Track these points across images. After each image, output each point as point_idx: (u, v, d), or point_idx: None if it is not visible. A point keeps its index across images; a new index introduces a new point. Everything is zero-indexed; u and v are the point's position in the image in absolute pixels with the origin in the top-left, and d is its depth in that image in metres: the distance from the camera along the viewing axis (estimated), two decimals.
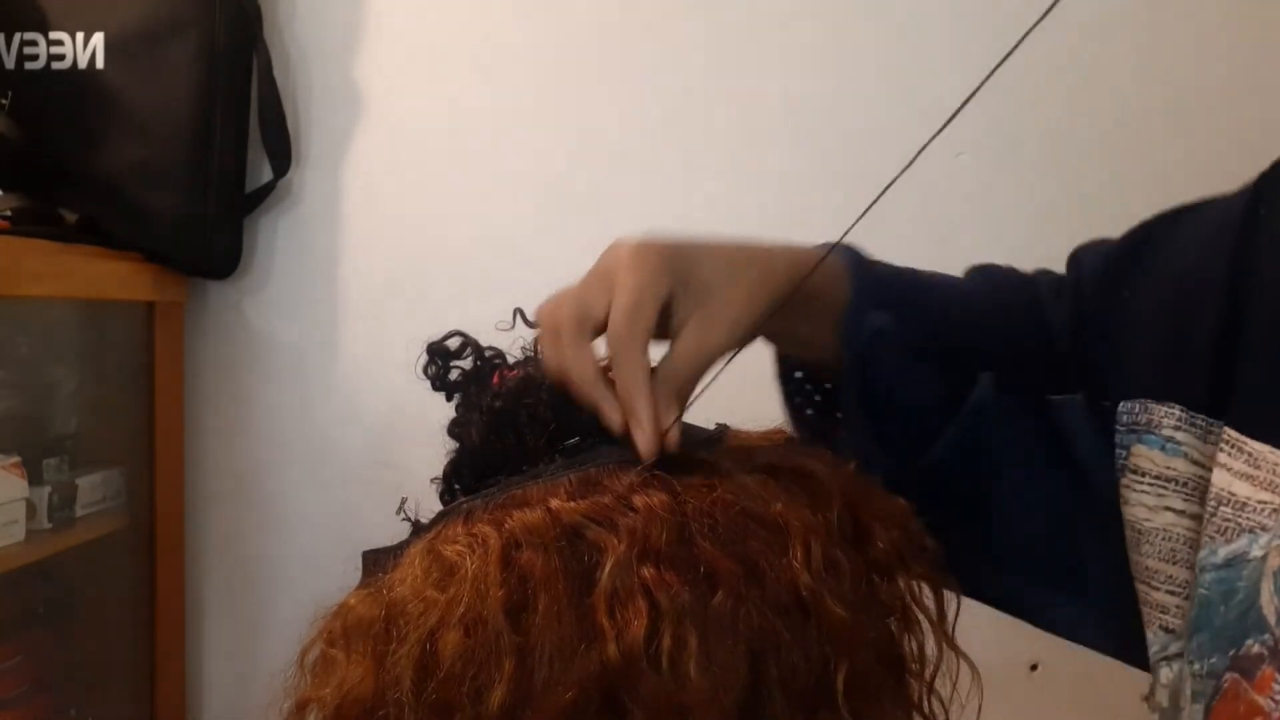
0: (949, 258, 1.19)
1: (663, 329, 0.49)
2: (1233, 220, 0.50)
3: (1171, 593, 0.49)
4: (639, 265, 0.48)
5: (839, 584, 0.41)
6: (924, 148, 0.42)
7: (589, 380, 0.46)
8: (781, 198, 1.20)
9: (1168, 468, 0.49)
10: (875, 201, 0.47)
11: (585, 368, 0.46)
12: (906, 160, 1.31)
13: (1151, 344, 0.51)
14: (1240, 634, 0.43)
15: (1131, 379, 0.51)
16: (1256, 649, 0.42)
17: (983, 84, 0.42)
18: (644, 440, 0.44)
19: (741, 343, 0.50)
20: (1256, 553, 0.43)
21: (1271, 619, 0.42)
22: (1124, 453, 0.51)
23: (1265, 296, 0.46)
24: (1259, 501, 0.44)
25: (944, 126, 0.41)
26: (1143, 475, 0.50)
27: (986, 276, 0.64)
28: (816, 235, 1.23)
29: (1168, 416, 0.49)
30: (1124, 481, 0.51)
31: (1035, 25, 0.39)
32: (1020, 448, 0.56)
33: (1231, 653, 0.43)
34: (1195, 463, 0.48)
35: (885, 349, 0.53)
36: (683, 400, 0.47)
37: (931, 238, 1.18)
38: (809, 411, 0.59)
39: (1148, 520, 0.49)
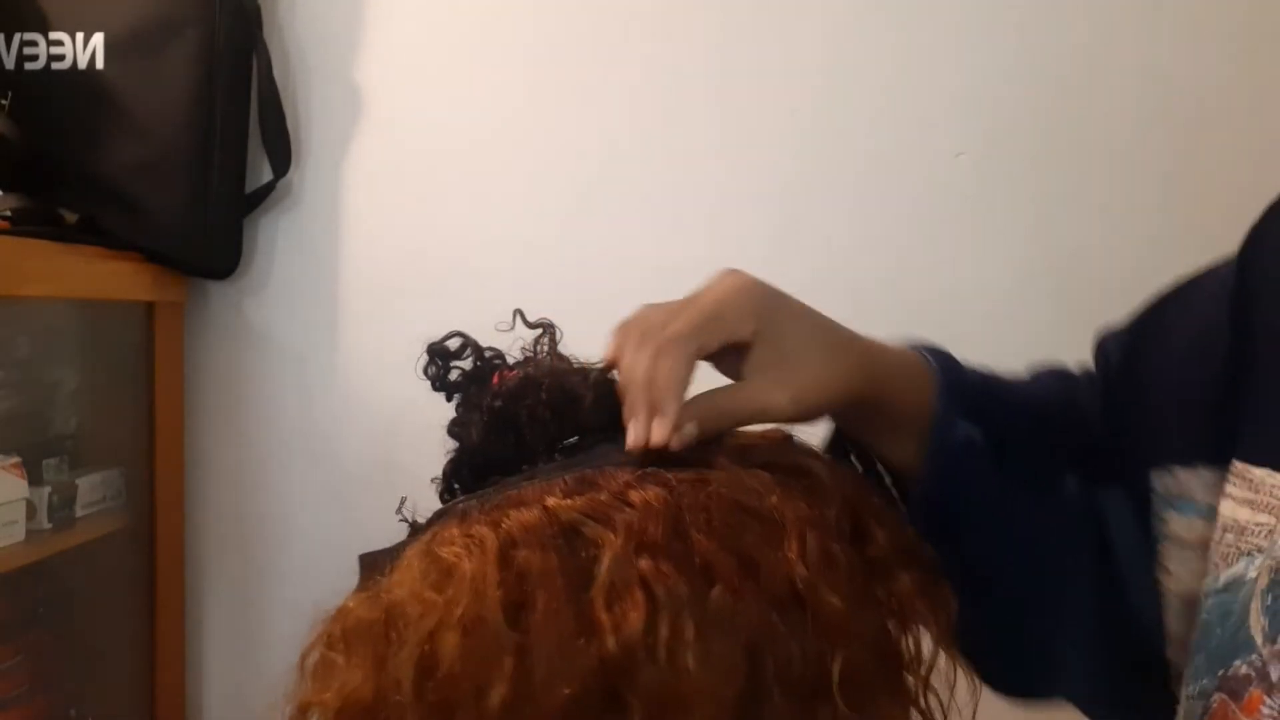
0: (949, 257, 1.19)
1: (732, 369, 0.49)
2: (1228, 281, 0.51)
3: None
4: (735, 296, 0.49)
5: (835, 576, 0.41)
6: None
7: (637, 381, 0.45)
8: (783, 204, 1.20)
9: (1205, 535, 0.48)
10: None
11: (638, 368, 0.46)
12: (906, 164, 1.31)
13: (1171, 407, 0.51)
14: (1230, 654, 0.43)
15: (1157, 446, 0.51)
16: (1244, 670, 0.42)
17: None
18: (638, 431, 0.44)
19: (796, 420, 0.49)
20: (1251, 574, 0.43)
21: (1259, 639, 0.42)
22: (1160, 522, 0.50)
23: (1264, 336, 0.47)
24: (1256, 524, 0.44)
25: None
26: (1181, 544, 0.49)
27: (1050, 374, 0.63)
28: (814, 241, 1.23)
29: (1196, 478, 0.48)
30: (1163, 548, 0.50)
31: None
32: (1072, 546, 0.55)
33: (1220, 673, 0.43)
34: None
35: (972, 460, 0.52)
36: (701, 431, 0.46)
37: (932, 237, 1.18)
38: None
39: (1191, 587, 0.49)
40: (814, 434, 0.52)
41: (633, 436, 0.44)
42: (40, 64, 1.17)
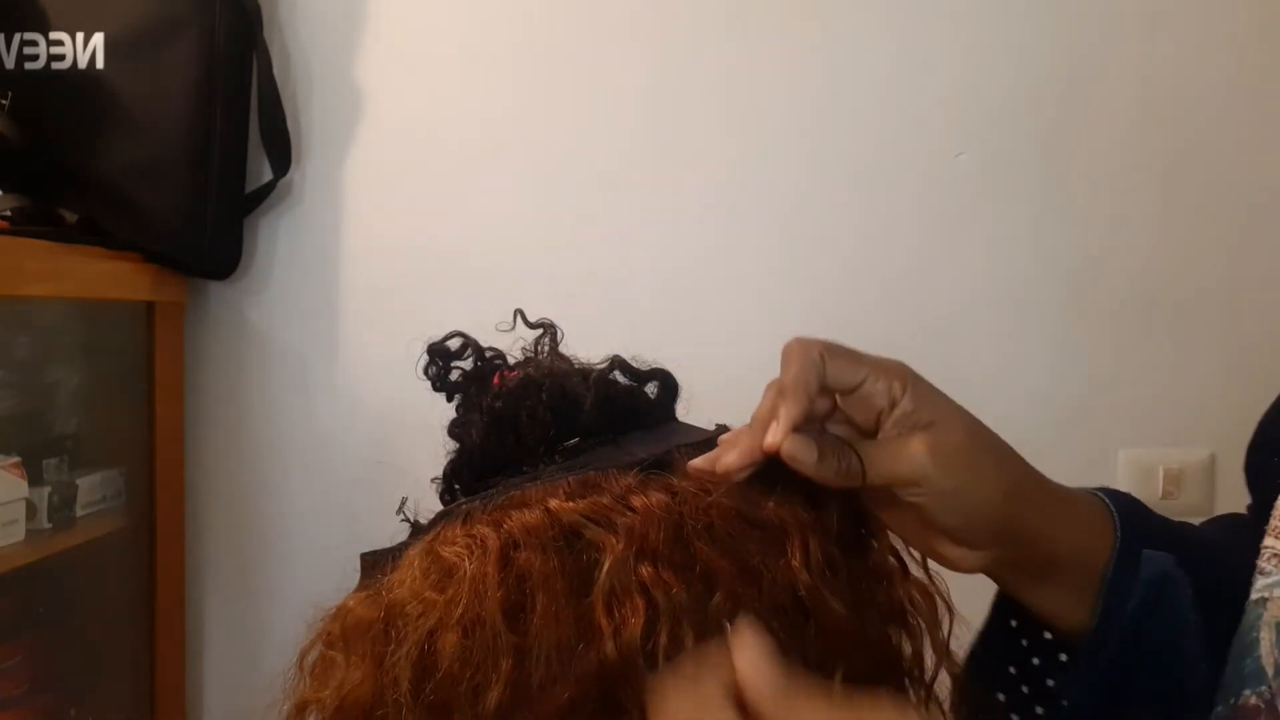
0: (948, 257, 1.19)
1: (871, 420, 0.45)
2: None
3: None
4: (882, 359, 0.45)
5: (837, 583, 0.41)
6: None
7: (784, 382, 0.44)
8: (782, 205, 1.20)
9: None
10: None
11: (794, 374, 0.44)
12: (906, 165, 1.31)
13: None
14: (1239, 683, 0.42)
15: None
16: (1254, 700, 0.41)
17: None
18: (773, 428, 0.42)
19: (932, 486, 0.43)
20: (1254, 596, 0.43)
21: (1270, 670, 0.41)
22: None
23: None
24: (1262, 546, 0.44)
25: None
26: None
27: (1218, 522, 0.59)
28: (814, 241, 1.23)
29: None
30: None
31: None
32: None
33: (1232, 701, 0.42)
34: None
35: (1171, 596, 0.45)
36: (819, 457, 0.42)
37: (931, 237, 1.18)
38: (1011, 669, 0.51)
39: None
40: None
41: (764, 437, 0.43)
42: (40, 64, 1.17)
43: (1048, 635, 0.49)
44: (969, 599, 0.51)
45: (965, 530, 0.45)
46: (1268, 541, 0.43)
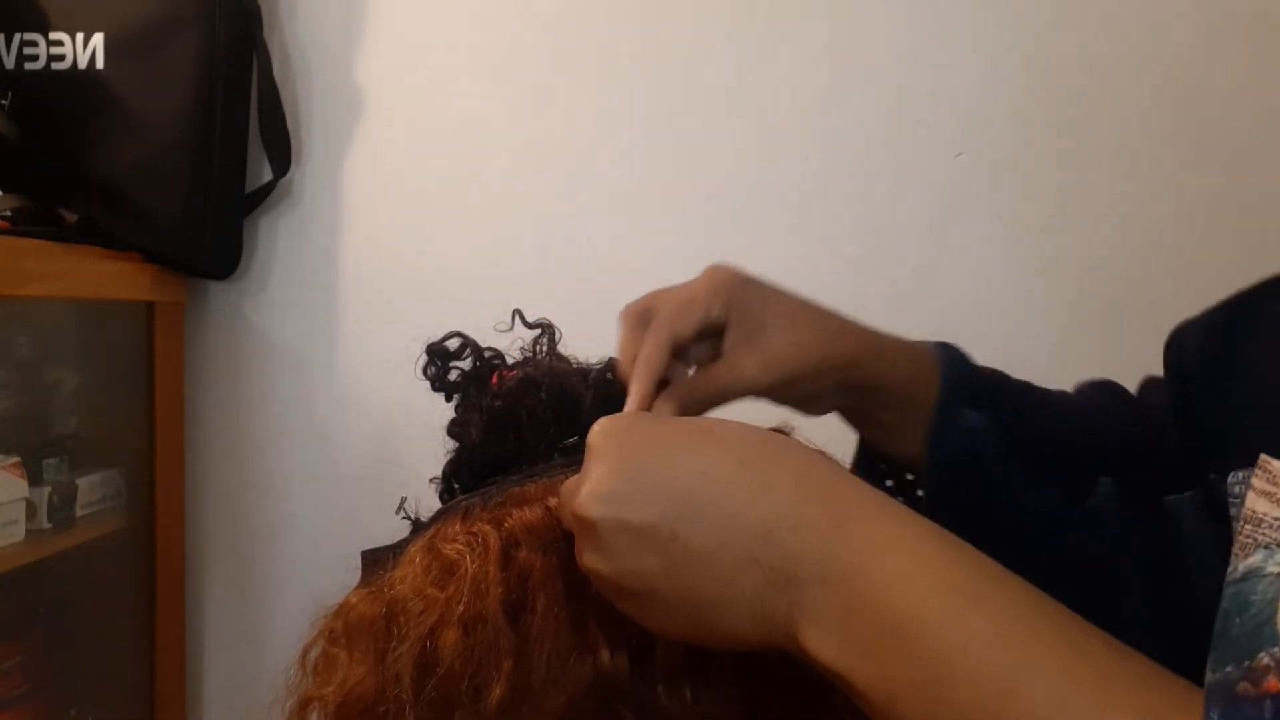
0: (948, 257, 1.19)
1: (716, 353, 0.51)
2: None
3: None
4: (707, 280, 0.52)
5: None
6: None
7: (625, 362, 0.49)
8: (781, 204, 1.20)
9: None
10: None
11: (626, 352, 0.50)
12: (906, 164, 1.30)
13: (1269, 407, 0.49)
14: (1255, 647, 0.43)
15: (1251, 444, 0.47)
16: (1265, 661, 0.42)
17: None
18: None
19: (774, 389, 0.50)
20: (1272, 569, 0.43)
21: None
22: (1236, 508, 0.48)
23: None
24: (1273, 517, 0.44)
25: None
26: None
27: (1093, 385, 0.63)
28: (812, 241, 1.23)
29: None
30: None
31: None
32: (1140, 556, 0.53)
33: (1246, 664, 0.43)
34: None
35: (980, 449, 0.51)
36: (682, 412, 0.48)
37: (931, 238, 1.18)
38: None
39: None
40: (819, 426, 0.52)
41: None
42: (40, 64, 1.17)
43: (909, 476, 0.57)
44: None
45: (812, 401, 0.53)
46: (1279, 513, 0.44)
